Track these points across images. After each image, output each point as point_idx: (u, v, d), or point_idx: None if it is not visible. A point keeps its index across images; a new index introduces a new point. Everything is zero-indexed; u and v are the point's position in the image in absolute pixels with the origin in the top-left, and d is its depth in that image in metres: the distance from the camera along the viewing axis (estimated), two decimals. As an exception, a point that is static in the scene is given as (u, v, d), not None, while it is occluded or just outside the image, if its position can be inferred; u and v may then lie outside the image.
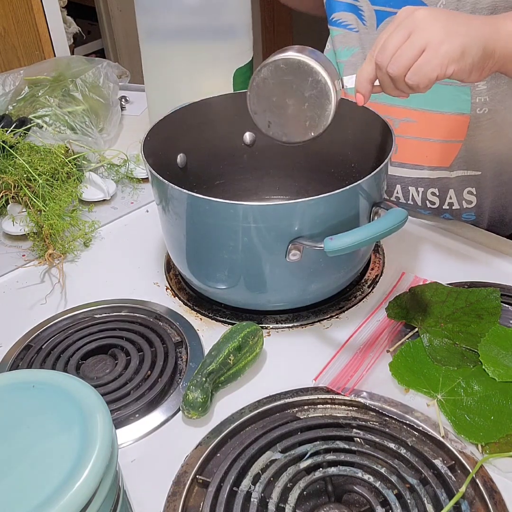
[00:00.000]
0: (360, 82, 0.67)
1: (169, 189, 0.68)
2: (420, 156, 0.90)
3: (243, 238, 0.67)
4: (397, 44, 0.62)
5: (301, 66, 0.66)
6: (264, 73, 0.67)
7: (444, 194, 0.92)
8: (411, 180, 0.92)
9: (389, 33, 0.64)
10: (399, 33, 0.63)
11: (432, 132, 0.88)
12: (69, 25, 1.86)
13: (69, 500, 0.37)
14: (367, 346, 0.71)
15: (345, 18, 0.89)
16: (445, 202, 0.92)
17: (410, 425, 0.61)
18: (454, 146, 0.88)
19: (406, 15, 0.63)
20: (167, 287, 0.83)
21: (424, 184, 0.92)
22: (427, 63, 0.61)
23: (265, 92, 0.69)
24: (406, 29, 0.62)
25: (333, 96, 0.67)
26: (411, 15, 0.63)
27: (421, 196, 0.93)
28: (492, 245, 0.87)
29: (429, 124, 0.87)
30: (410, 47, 0.62)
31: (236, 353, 0.66)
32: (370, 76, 0.66)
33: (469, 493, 0.56)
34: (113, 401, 0.65)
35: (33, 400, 0.44)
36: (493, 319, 0.72)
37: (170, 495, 0.57)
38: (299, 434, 0.60)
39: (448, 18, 0.63)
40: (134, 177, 1.07)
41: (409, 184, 0.93)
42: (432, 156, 0.90)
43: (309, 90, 0.67)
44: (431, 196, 0.92)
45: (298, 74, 0.66)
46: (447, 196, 0.92)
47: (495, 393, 0.63)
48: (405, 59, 0.62)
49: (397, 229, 0.63)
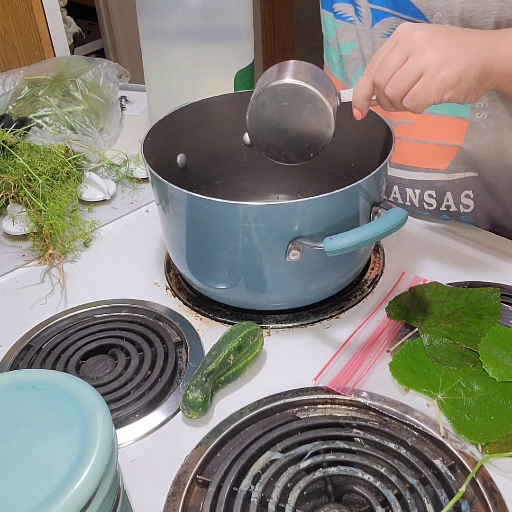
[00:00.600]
0: (356, 98, 0.67)
1: (169, 189, 0.68)
2: (417, 158, 0.90)
3: (243, 238, 0.67)
4: (395, 66, 0.63)
5: (300, 92, 0.66)
6: (262, 99, 0.68)
7: (441, 197, 0.92)
8: (408, 182, 0.92)
9: (387, 51, 0.64)
10: (398, 54, 0.63)
11: (430, 134, 0.87)
12: (69, 25, 1.86)
13: (69, 500, 0.37)
14: (367, 346, 0.71)
15: (344, 10, 0.88)
16: (442, 204, 0.92)
17: (410, 425, 0.61)
18: (452, 149, 0.87)
19: (405, 34, 0.63)
20: (167, 287, 0.83)
21: (421, 186, 0.92)
22: (424, 89, 0.62)
23: (263, 116, 0.69)
24: (404, 50, 0.63)
25: (332, 121, 0.68)
26: (410, 36, 0.63)
27: (418, 197, 0.93)
28: (492, 245, 0.87)
29: (427, 126, 0.87)
30: (408, 71, 0.62)
31: (236, 353, 0.66)
32: (367, 92, 0.66)
33: (469, 493, 0.56)
34: (113, 401, 0.65)
35: (33, 400, 0.44)
36: (493, 319, 0.72)
37: (170, 495, 0.57)
38: (299, 434, 0.60)
39: (447, 41, 0.63)
40: (134, 177, 1.07)
41: (406, 186, 0.93)
42: (429, 158, 0.89)
43: (309, 115, 0.67)
44: (428, 198, 0.92)
45: (297, 100, 0.67)
46: (444, 199, 0.92)
47: (495, 393, 0.63)
48: (403, 83, 0.63)
49: (397, 229, 0.63)
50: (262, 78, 0.70)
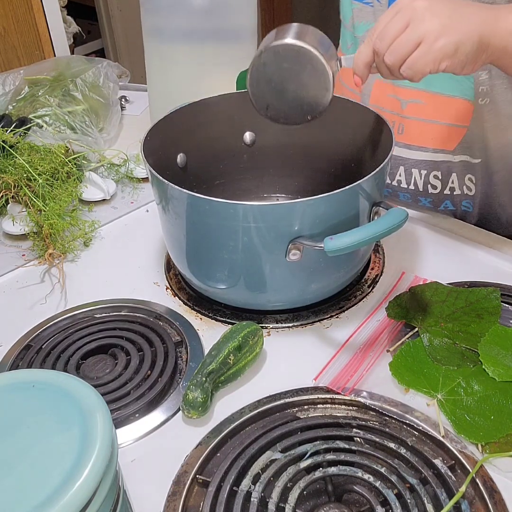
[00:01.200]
0: (357, 64, 0.67)
1: (169, 189, 0.68)
2: (426, 138, 0.91)
3: (243, 238, 0.67)
4: (395, 34, 0.63)
5: (301, 53, 0.66)
6: (263, 59, 0.68)
7: (446, 178, 0.92)
8: (415, 162, 0.93)
9: (388, 19, 0.64)
10: (398, 22, 0.63)
11: (439, 114, 0.88)
12: (69, 25, 1.86)
13: (69, 500, 0.37)
14: (367, 345, 0.71)
15: None
16: (447, 186, 0.93)
17: (410, 424, 0.61)
18: (459, 131, 0.88)
19: (406, 3, 0.64)
20: (167, 286, 0.83)
21: (428, 166, 0.92)
22: (421, 58, 0.63)
23: (264, 76, 0.69)
24: (404, 18, 0.63)
25: (331, 84, 0.67)
26: (411, 4, 0.63)
27: (424, 179, 0.93)
28: (492, 245, 0.87)
29: (437, 106, 0.87)
30: (407, 38, 0.63)
31: (236, 353, 0.66)
32: (367, 59, 0.66)
33: (469, 492, 0.56)
34: (113, 400, 0.65)
35: (33, 400, 0.44)
36: (493, 319, 0.72)
37: (170, 494, 0.57)
38: (299, 433, 0.60)
39: (447, 11, 0.64)
40: (134, 177, 1.07)
41: (413, 166, 0.93)
42: (437, 138, 0.90)
43: (308, 77, 0.67)
44: (433, 180, 0.93)
45: (298, 61, 0.67)
46: (450, 180, 0.92)
47: (495, 393, 0.63)
48: (401, 51, 0.63)
49: (397, 228, 0.63)
50: (266, 38, 0.69)
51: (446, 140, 0.90)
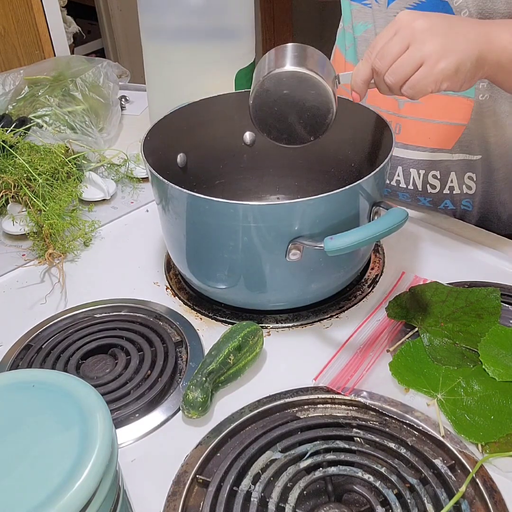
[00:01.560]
0: (355, 82, 0.68)
1: (169, 188, 0.68)
2: (423, 138, 0.91)
3: (243, 238, 0.67)
4: (396, 54, 0.65)
5: (303, 79, 0.67)
6: (266, 85, 0.69)
7: (445, 177, 0.92)
8: (413, 162, 0.93)
9: (387, 38, 0.65)
10: (398, 42, 0.64)
11: (437, 113, 0.88)
12: (69, 25, 1.86)
13: (69, 500, 0.37)
14: (367, 345, 0.71)
15: None
16: (446, 185, 0.93)
17: (410, 424, 0.61)
18: (458, 129, 0.88)
19: (406, 23, 0.65)
20: (167, 286, 0.83)
21: (426, 166, 0.92)
22: (423, 79, 0.64)
23: (267, 101, 0.70)
24: (405, 39, 0.64)
25: (334, 106, 0.69)
26: (411, 24, 0.64)
27: (422, 178, 0.93)
28: (492, 245, 0.87)
29: (434, 105, 0.87)
30: (409, 60, 0.64)
31: (236, 353, 0.66)
32: (365, 77, 0.67)
33: (469, 492, 0.56)
34: (113, 400, 0.65)
35: (33, 400, 0.44)
36: (493, 319, 0.72)
37: (170, 494, 0.57)
38: (299, 433, 0.60)
39: (446, 31, 0.65)
40: (134, 177, 1.07)
41: (411, 166, 0.93)
42: (435, 137, 0.90)
43: (311, 100, 0.69)
44: (432, 179, 0.92)
45: (301, 86, 0.68)
46: (448, 179, 0.92)
47: (495, 393, 0.63)
48: (403, 72, 0.65)
49: (397, 228, 0.63)
50: (264, 63, 0.71)
51: (444, 139, 0.90)
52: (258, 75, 0.70)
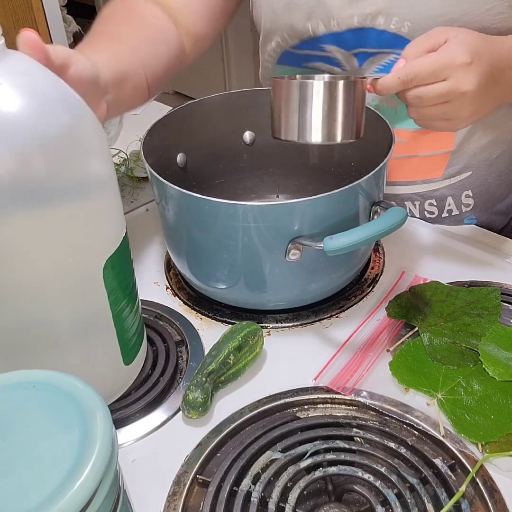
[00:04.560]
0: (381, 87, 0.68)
1: (168, 188, 0.68)
2: (412, 173, 0.90)
3: (243, 238, 0.67)
4: (432, 102, 0.66)
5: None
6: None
7: (442, 203, 0.92)
8: (405, 196, 0.92)
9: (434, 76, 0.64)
10: (441, 98, 0.65)
11: (422, 147, 0.87)
12: (69, 24, 1.86)
13: (69, 500, 0.37)
14: (367, 345, 0.71)
15: (318, 67, 0.88)
16: (444, 210, 0.92)
17: (410, 424, 0.61)
18: (444, 156, 0.88)
19: (459, 83, 0.64)
20: (167, 286, 0.83)
21: (420, 197, 0.92)
22: (441, 128, 0.70)
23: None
24: (448, 97, 0.65)
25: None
26: (462, 89, 0.64)
27: (419, 208, 0.93)
28: (492, 244, 0.87)
29: (417, 141, 0.87)
30: (440, 116, 0.67)
31: (236, 353, 0.66)
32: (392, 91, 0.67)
33: (469, 492, 0.56)
34: (114, 401, 0.65)
35: (33, 400, 0.44)
36: (493, 318, 0.72)
37: (170, 494, 0.57)
38: (299, 433, 0.60)
39: (483, 101, 0.67)
40: (134, 176, 1.07)
41: (404, 200, 0.93)
42: (423, 170, 0.90)
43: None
44: (429, 207, 0.92)
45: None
46: (446, 204, 0.92)
47: (495, 392, 0.63)
48: (429, 117, 0.68)
49: (397, 228, 0.63)
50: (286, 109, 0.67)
51: (432, 169, 0.89)
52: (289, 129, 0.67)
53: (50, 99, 0.48)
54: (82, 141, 0.50)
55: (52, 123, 0.47)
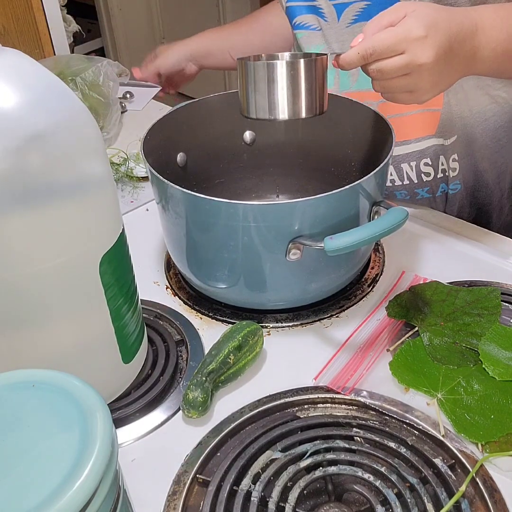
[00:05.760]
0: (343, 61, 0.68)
1: (168, 188, 0.68)
2: (405, 131, 0.92)
3: (243, 238, 0.67)
4: (393, 75, 0.66)
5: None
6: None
7: (436, 161, 0.94)
8: (401, 157, 0.94)
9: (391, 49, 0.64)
10: (401, 70, 0.65)
11: (410, 105, 0.89)
12: (69, 24, 1.86)
13: (69, 500, 0.37)
14: (367, 345, 0.71)
15: (306, 20, 0.93)
16: (438, 169, 0.94)
17: (410, 424, 0.61)
18: (435, 114, 0.90)
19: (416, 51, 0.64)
20: (167, 286, 0.83)
21: (415, 157, 0.93)
22: (405, 101, 0.70)
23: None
24: (408, 69, 0.65)
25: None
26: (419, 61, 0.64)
27: (415, 170, 0.94)
28: (492, 244, 0.87)
29: None
30: (401, 86, 0.67)
31: (236, 353, 0.66)
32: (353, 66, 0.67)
33: (469, 492, 0.56)
34: (114, 400, 0.65)
35: (33, 399, 0.44)
36: (493, 318, 0.72)
37: (170, 494, 0.57)
38: (299, 433, 0.60)
39: (442, 70, 0.67)
40: (134, 176, 1.07)
41: (401, 162, 0.94)
42: (417, 127, 0.91)
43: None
44: (424, 167, 0.94)
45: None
46: (439, 163, 0.94)
47: (495, 392, 0.63)
48: (392, 90, 0.68)
49: (397, 228, 0.63)
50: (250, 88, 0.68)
51: (426, 125, 0.91)
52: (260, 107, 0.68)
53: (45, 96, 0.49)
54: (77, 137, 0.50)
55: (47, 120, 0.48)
